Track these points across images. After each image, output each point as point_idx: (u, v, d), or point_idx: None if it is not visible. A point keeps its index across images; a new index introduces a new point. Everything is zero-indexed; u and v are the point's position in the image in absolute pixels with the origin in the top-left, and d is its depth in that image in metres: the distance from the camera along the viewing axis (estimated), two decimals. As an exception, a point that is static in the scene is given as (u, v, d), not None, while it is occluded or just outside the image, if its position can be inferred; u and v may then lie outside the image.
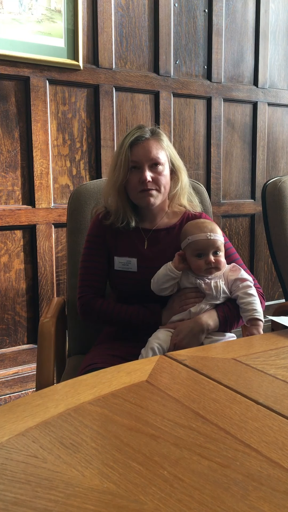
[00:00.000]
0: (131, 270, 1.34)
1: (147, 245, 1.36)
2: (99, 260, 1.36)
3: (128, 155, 1.29)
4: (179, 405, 0.72)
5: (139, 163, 1.29)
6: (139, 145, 1.30)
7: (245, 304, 1.22)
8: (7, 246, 2.13)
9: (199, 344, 1.21)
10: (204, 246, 1.23)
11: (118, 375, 0.83)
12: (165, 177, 1.32)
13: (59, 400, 0.73)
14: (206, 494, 0.51)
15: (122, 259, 1.34)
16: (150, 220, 1.39)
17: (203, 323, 1.20)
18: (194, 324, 1.21)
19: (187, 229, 1.28)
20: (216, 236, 1.25)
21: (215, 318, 1.22)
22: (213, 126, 2.65)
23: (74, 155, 2.26)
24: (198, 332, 1.20)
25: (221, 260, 1.25)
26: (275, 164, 2.95)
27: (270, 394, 0.76)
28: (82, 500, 0.50)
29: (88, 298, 1.33)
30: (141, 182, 1.29)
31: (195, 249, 1.24)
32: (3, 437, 0.63)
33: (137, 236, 1.37)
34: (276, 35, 2.85)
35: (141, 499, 0.51)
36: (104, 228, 1.37)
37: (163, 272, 1.26)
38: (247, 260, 2.89)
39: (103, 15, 2.23)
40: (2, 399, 2.14)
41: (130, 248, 1.35)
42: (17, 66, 2.05)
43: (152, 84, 2.41)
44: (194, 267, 1.25)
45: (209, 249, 1.23)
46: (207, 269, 1.23)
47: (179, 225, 1.38)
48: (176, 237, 1.36)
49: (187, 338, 1.20)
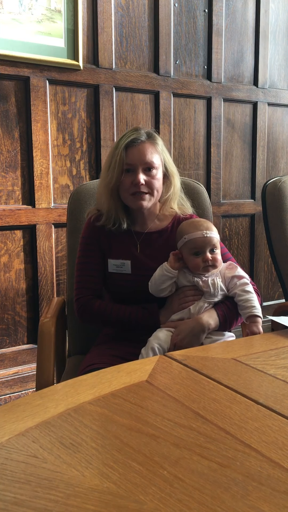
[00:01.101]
0: (125, 272, 1.34)
1: (139, 248, 1.37)
2: (94, 261, 1.37)
3: (123, 157, 1.29)
4: (179, 405, 0.72)
5: (133, 165, 1.30)
6: (134, 148, 1.30)
7: (244, 301, 1.23)
8: (7, 246, 2.13)
9: (199, 343, 1.21)
10: (201, 244, 1.24)
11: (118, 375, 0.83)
12: (158, 181, 1.33)
13: (59, 400, 0.73)
14: (206, 494, 0.51)
15: (116, 261, 1.35)
16: (141, 223, 1.39)
17: (204, 322, 1.21)
18: (195, 324, 1.21)
19: (183, 228, 1.29)
20: (212, 234, 1.26)
21: (215, 317, 1.22)
22: (213, 126, 2.65)
23: (74, 155, 2.26)
24: (199, 332, 1.20)
25: (218, 257, 1.26)
26: (275, 164, 2.95)
27: (270, 394, 0.76)
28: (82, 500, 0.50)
29: (86, 299, 1.34)
30: (134, 184, 1.29)
31: (192, 248, 1.25)
32: (3, 437, 0.63)
33: (130, 239, 1.38)
34: (276, 35, 2.85)
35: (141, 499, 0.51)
36: (97, 230, 1.37)
37: (159, 273, 1.27)
38: (247, 260, 2.89)
39: (103, 15, 2.23)
40: (2, 399, 2.14)
41: (124, 250, 1.36)
42: (17, 66, 2.05)
43: (152, 84, 2.41)
44: (191, 266, 1.25)
45: (205, 247, 1.24)
46: (204, 267, 1.24)
47: (170, 228, 1.39)
48: (167, 239, 1.37)
49: (188, 338, 1.20)
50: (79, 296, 1.35)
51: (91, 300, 1.33)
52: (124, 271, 1.34)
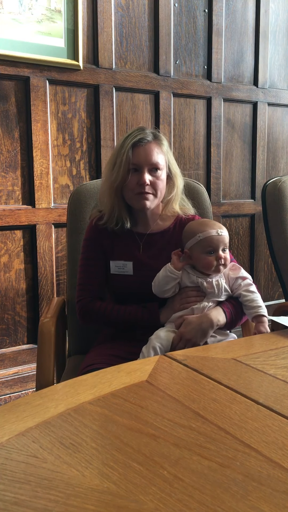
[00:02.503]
0: (127, 273, 1.34)
1: (142, 249, 1.37)
2: (96, 263, 1.37)
3: (129, 157, 1.29)
4: (179, 405, 0.72)
5: (139, 165, 1.29)
6: (140, 148, 1.30)
7: (250, 301, 1.23)
8: (7, 246, 2.13)
9: (205, 338, 1.20)
10: (216, 242, 1.24)
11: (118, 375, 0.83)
12: (162, 182, 1.33)
13: (59, 400, 0.73)
14: (206, 494, 0.51)
15: (118, 263, 1.35)
16: (143, 223, 1.39)
17: (213, 318, 1.20)
18: (205, 319, 1.20)
19: (195, 227, 1.29)
20: (225, 233, 1.26)
21: (223, 315, 1.23)
22: (213, 126, 2.64)
23: (74, 155, 2.26)
24: (208, 327, 1.20)
25: (228, 257, 1.26)
26: (275, 164, 2.95)
27: (270, 394, 0.76)
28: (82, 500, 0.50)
29: (87, 301, 1.34)
30: (139, 184, 1.29)
31: (206, 246, 1.24)
32: (3, 437, 0.63)
33: (132, 240, 1.38)
34: (276, 35, 2.85)
35: (141, 499, 0.51)
36: (100, 232, 1.37)
37: (163, 274, 1.26)
38: (247, 260, 2.89)
39: (103, 15, 2.23)
40: (2, 399, 2.14)
41: (126, 252, 1.36)
42: (17, 66, 2.05)
43: (152, 84, 2.41)
44: (203, 264, 1.25)
45: (219, 245, 1.24)
46: (217, 265, 1.24)
47: (172, 228, 1.39)
48: (170, 240, 1.37)
49: (195, 331, 1.19)
50: (81, 298, 1.35)
51: (91, 302, 1.33)
52: (126, 273, 1.34)
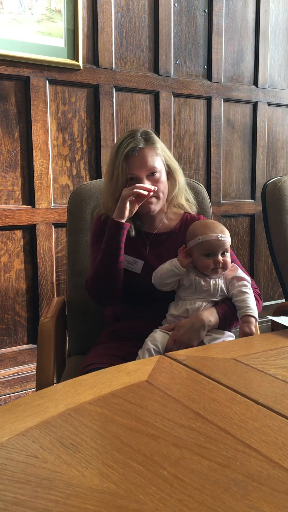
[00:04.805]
0: (134, 271, 1.35)
1: (149, 249, 1.38)
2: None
3: (124, 168, 1.29)
4: (179, 405, 0.72)
5: (136, 175, 1.30)
6: (134, 157, 1.29)
7: (239, 302, 1.24)
8: (7, 246, 2.13)
9: (199, 340, 1.21)
10: (215, 247, 1.24)
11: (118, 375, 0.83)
12: (163, 183, 1.33)
13: (59, 400, 0.73)
14: (206, 494, 0.51)
15: (129, 258, 1.35)
16: (150, 223, 1.40)
17: (204, 318, 1.21)
18: (195, 320, 1.22)
19: (197, 229, 1.29)
20: (226, 238, 1.26)
21: (215, 315, 1.23)
22: (213, 126, 2.64)
23: (74, 155, 2.26)
24: (199, 328, 1.21)
25: (228, 260, 1.27)
26: (275, 164, 2.95)
27: (270, 394, 0.76)
28: (82, 500, 0.50)
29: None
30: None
31: (205, 249, 1.25)
32: (3, 437, 0.63)
33: (139, 240, 1.38)
34: (276, 35, 2.85)
35: (141, 499, 0.51)
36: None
37: (168, 267, 1.27)
38: (247, 260, 2.89)
39: (103, 15, 2.23)
40: (2, 399, 2.14)
41: (134, 250, 1.36)
42: (17, 66, 2.05)
43: (152, 84, 2.41)
44: (201, 266, 1.26)
45: (218, 249, 1.25)
46: (214, 268, 1.24)
47: (178, 228, 1.40)
48: (176, 240, 1.37)
49: (188, 333, 1.20)
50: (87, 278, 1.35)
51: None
52: (134, 270, 1.35)
